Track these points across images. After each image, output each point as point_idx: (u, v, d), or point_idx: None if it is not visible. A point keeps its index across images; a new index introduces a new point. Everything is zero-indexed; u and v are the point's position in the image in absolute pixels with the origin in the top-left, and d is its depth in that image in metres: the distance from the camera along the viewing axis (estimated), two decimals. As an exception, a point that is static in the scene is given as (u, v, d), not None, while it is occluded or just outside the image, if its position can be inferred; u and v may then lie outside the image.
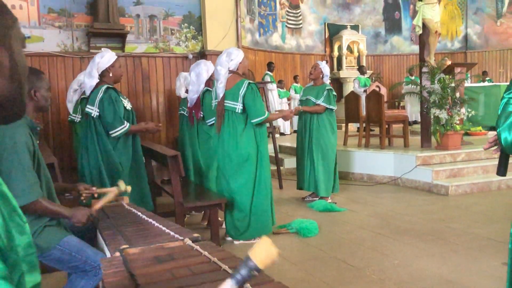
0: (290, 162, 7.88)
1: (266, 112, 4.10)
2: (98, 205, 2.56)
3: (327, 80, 5.73)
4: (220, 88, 4.12)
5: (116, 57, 3.89)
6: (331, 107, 5.57)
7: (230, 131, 4.09)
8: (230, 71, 4.13)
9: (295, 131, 11.26)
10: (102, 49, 3.99)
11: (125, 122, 3.78)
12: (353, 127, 9.61)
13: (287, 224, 4.59)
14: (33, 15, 7.39)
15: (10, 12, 0.84)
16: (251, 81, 4.11)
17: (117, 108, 3.73)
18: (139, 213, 2.55)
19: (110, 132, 3.75)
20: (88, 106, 3.82)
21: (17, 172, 2.18)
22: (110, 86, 3.81)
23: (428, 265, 3.55)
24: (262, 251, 1.02)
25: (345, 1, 14.27)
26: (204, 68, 4.84)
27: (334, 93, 5.64)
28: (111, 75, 3.84)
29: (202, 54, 8.31)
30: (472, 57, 14.21)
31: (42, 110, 2.57)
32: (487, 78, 12.44)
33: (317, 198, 5.69)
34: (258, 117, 4.04)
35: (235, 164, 4.08)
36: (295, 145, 7.72)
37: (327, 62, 13.44)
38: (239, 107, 4.04)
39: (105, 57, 3.82)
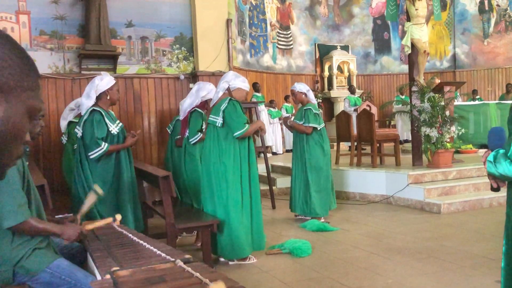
0: (282, 182, 7.87)
1: (246, 125, 4.15)
2: (90, 226, 2.55)
3: (311, 95, 5.75)
4: (213, 100, 4.31)
5: (114, 81, 3.98)
6: (311, 125, 5.53)
7: (211, 144, 4.20)
8: (227, 89, 4.24)
9: (287, 151, 11.27)
10: (102, 72, 4.07)
11: (103, 143, 3.80)
12: (344, 146, 9.65)
13: (279, 244, 4.56)
14: (24, 37, 7.41)
15: (37, 78, 0.83)
16: (233, 98, 4.19)
17: (96, 131, 3.77)
18: (130, 235, 2.52)
19: (88, 154, 3.80)
20: (77, 127, 3.91)
21: (6, 193, 2.15)
22: (97, 108, 3.84)
23: (421, 284, 3.53)
24: None
25: (334, 22, 14.47)
26: (208, 88, 4.91)
27: (315, 111, 5.61)
28: (108, 98, 3.92)
29: (194, 75, 8.35)
30: (461, 76, 14.40)
31: None
32: (477, 97, 12.59)
33: (309, 218, 5.67)
34: (239, 130, 4.10)
35: (216, 178, 4.13)
36: (287, 165, 7.74)
37: (317, 82, 13.58)
38: (219, 121, 4.14)
39: (105, 80, 3.90)
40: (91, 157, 3.79)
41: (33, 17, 7.47)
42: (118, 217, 2.74)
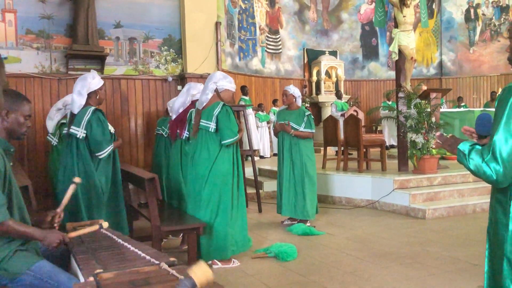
0: (269, 186, 7.87)
1: (237, 135, 4.16)
2: (74, 233, 2.49)
3: (300, 101, 5.82)
4: (201, 101, 4.22)
5: (103, 81, 3.99)
6: (312, 131, 5.66)
7: (202, 150, 4.15)
8: (215, 90, 4.21)
9: (275, 154, 11.28)
10: (92, 70, 4.05)
11: (112, 141, 3.88)
12: (331, 150, 9.68)
13: (265, 248, 4.56)
14: (10, 36, 7.32)
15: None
16: (226, 104, 4.18)
17: (106, 129, 3.78)
18: (115, 237, 2.50)
19: (98, 153, 3.77)
20: (73, 127, 3.80)
21: None
22: (97, 108, 3.85)
23: (406, 288, 3.55)
24: (201, 272, 1.26)
25: (323, 28, 14.55)
26: (199, 87, 4.91)
27: (312, 116, 5.75)
28: (97, 97, 3.92)
29: (182, 77, 8.33)
30: (447, 83, 14.57)
31: (14, 135, 2.51)
32: (462, 104, 12.75)
33: (295, 222, 5.67)
34: (230, 138, 4.10)
35: (205, 183, 4.10)
36: (274, 168, 7.73)
37: (305, 87, 13.63)
38: (212, 126, 4.11)
39: (96, 79, 3.92)
40: (102, 156, 3.77)
41: (19, 16, 7.39)
42: (105, 224, 2.67)
